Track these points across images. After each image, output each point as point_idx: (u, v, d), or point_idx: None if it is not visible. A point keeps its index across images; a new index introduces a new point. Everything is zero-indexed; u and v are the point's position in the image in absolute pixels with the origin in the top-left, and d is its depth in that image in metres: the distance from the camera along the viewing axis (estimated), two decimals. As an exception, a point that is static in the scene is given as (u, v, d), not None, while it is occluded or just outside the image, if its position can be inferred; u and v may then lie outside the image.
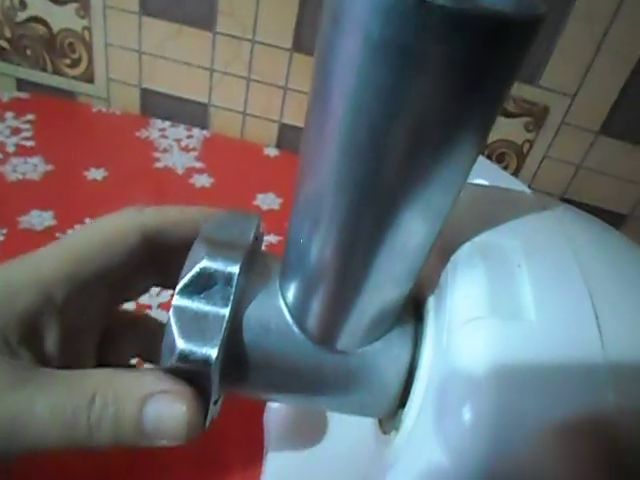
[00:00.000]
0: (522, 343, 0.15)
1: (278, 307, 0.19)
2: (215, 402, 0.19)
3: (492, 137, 0.62)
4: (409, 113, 0.13)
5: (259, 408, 0.35)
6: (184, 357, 0.17)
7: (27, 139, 0.57)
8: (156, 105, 0.66)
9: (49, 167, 0.54)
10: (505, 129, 0.60)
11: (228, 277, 0.18)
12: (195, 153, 0.61)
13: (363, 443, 0.24)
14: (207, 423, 0.19)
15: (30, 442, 0.16)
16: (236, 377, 0.19)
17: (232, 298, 0.18)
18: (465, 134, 0.14)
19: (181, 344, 0.17)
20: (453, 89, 0.12)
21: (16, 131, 0.58)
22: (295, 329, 0.19)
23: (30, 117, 0.60)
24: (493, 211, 0.20)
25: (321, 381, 0.19)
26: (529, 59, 0.13)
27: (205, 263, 0.18)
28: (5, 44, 0.65)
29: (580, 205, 0.63)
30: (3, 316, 0.18)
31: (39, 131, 0.59)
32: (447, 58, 0.12)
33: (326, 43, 0.13)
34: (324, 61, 0.13)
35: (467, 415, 0.15)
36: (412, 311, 0.20)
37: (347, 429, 0.30)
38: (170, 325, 0.17)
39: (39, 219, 0.47)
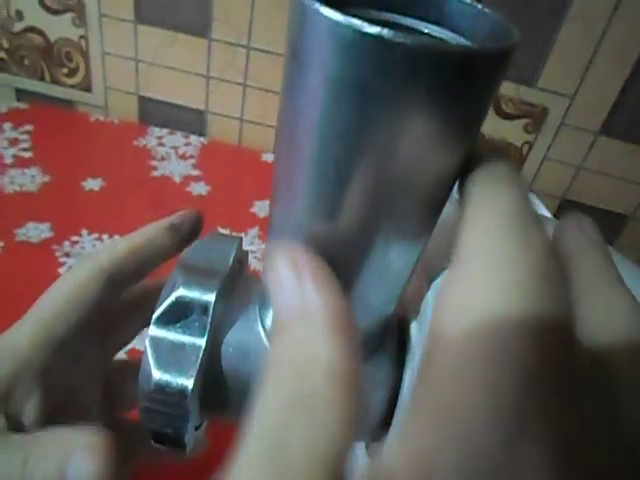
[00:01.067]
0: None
1: (257, 332, 0.19)
2: (197, 428, 0.19)
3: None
4: (374, 149, 0.12)
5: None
6: (160, 388, 0.17)
7: (25, 150, 0.57)
8: (154, 113, 0.66)
9: (46, 178, 0.54)
10: (504, 131, 0.60)
11: (204, 306, 0.17)
12: (193, 160, 0.61)
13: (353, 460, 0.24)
14: (189, 448, 0.19)
15: None
16: (218, 403, 0.19)
17: (209, 327, 0.17)
18: (436, 167, 0.13)
19: (157, 375, 0.17)
20: (418, 125, 0.12)
21: (14, 142, 0.58)
22: None
23: (28, 127, 0.60)
24: None
25: None
26: (527, 61, 0.12)
27: (181, 292, 0.18)
28: (3, 55, 0.65)
29: (581, 206, 0.62)
30: None
31: (37, 141, 0.59)
32: (410, 95, 0.11)
33: (288, 76, 0.13)
34: (288, 94, 0.13)
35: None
36: (396, 336, 0.20)
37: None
38: (146, 355, 0.17)
39: (36, 231, 0.48)
